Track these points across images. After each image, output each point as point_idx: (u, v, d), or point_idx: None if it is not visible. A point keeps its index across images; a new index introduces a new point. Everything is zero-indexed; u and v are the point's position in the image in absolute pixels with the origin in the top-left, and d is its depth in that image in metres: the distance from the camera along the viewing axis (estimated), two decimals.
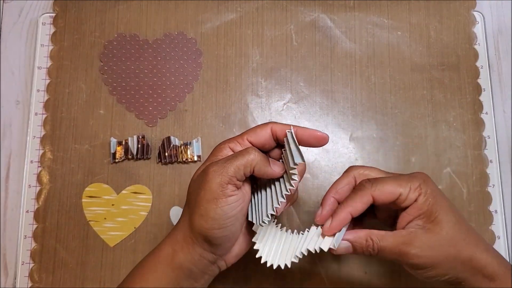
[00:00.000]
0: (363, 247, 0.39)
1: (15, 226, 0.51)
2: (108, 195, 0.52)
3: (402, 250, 0.37)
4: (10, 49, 0.56)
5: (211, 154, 0.40)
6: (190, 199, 0.38)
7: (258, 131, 0.39)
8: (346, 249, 0.39)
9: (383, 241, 0.38)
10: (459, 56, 0.56)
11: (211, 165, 0.37)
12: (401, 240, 0.38)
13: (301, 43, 0.56)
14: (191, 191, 0.39)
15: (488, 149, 0.54)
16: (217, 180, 0.36)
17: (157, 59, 0.55)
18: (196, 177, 0.39)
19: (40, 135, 0.53)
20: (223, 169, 0.36)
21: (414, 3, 0.57)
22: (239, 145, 0.39)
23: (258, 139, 0.39)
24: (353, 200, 0.39)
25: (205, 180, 0.36)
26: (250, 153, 0.37)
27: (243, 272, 0.50)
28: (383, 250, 0.38)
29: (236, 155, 0.37)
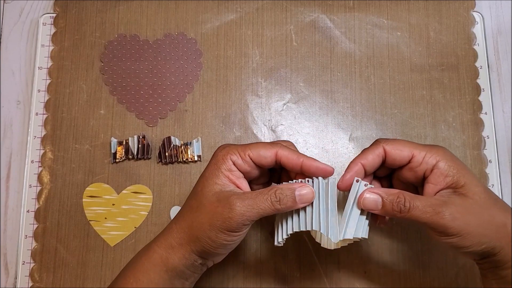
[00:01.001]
0: (393, 203, 0.37)
1: (16, 225, 0.52)
2: (109, 194, 0.52)
3: (437, 210, 0.35)
4: (11, 49, 0.56)
5: (214, 162, 0.39)
6: (200, 209, 0.38)
7: (262, 151, 0.39)
8: (375, 202, 0.38)
9: (416, 200, 0.36)
10: (459, 56, 0.56)
11: (239, 200, 0.36)
12: (435, 202, 0.36)
13: (301, 44, 0.56)
14: (200, 203, 0.38)
15: (487, 149, 0.54)
16: (241, 219, 0.36)
17: (158, 59, 0.56)
18: (212, 195, 0.38)
19: (41, 135, 0.53)
20: (250, 212, 0.36)
21: (414, 4, 0.58)
22: (241, 160, 0.39)
23: (259, 160, 0.39)
24: (364, 152, 0.40)
25: (227, 211, 0.36)
26: (279, 202, 0.37)
27: (243, 272, 0.50)
28: (415, 208, 0.36)
29: (265, 198, 0.37)
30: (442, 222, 0.35)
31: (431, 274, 0.50)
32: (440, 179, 0.37)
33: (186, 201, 0.41)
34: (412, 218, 0.36)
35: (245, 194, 0.37)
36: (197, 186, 0.40)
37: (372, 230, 0.51)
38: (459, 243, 0.36)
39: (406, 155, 0.38)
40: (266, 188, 0.38)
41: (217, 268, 0.50)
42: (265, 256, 0.51)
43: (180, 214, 0.40)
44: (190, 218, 0.38)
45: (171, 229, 0.39)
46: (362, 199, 0.38)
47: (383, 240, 0.51)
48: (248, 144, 0.40)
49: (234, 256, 0.50)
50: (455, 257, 0.51)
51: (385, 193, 0.37)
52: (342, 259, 0.51)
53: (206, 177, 0.39)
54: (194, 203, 0.39)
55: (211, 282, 0.50)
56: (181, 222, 0.39)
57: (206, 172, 0.39)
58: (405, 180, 0.41)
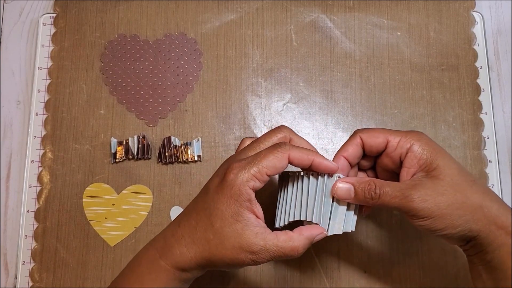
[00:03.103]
0: (364, 190, 0.37)
1: (16, 225, 0.52)
2: (109, 195, 0.52)
3: (405, 194, 0.36)
4: (11, 50, 0.56)
5: (230, 193, 0.37)
6: (220, 250, 0.37)
7: (276, 163, 0.37)
8: (347, 191, 0.38)
9: (385, 186, 0.37)
10: (459, 56, 0.56)
11: (262, 252, 0.36)
12: (404, 186, 0.37)
13: (301, 44, 0.57)
14: (220, 242, 0.37)
15: (487, 149, 0.54)
16: (263, 262, 0.37)
17: (158, 59, 0.56)
18: (235, 240, 0.36)
19: (41, 135, 0.53)
20: (272, 258, 0.37)
21: (414, 4, 0.58)
22: (259, 183, 0.37)
23: (277, 172, 0.37)
24: (344, 145, 0.41)
25: (248, 261, 0.36)
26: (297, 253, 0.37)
27: (243, 272, 0.50)
28: (385, 194, 0.37)
29: (286, 248, 0.37)
30: (411, 205, 0.36)
31: (431, 274, 0.50)
32: (413, 162, 0.38)
33: (199, 226, 0.38)
34: (384, 204, 0.37)
35: (266, 242, 0.36)
36: (213, 219, 0.37)
37: (372, 230, 0.51)
38: (432, 226, 0.36)
39: (381, 141, 0.39)
40: (288, 236, 0.37)
41: None
42: None
43: (192, 241, 0.37)
44: (209, 252, 0.37)
45: (183, 255, 0.37)
46: (335, 188, 0.38)
47: (383, 240, 0.51)
48: (259, 160, 0.37)
49: None
50: (455, 257, 0.51)
51: (357, 182, 0.38)
52: (342, 259, 0.51)
53: (224, 214, 0.36)
54: (212, 238, 0.37)
55: (211, 282, 0.50)
56: (197, 252, 0.37)
57: (222, 205, 0.37)
58: (386, 167, 0.41)
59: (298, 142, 0.41)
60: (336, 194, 0.38)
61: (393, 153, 0.39)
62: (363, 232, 0.51)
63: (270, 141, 0.40)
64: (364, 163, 0.43)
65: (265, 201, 0.51)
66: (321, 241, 0.51)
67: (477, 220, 0.36)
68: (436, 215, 0.35)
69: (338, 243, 0.51)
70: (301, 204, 0.40)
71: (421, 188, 0.36)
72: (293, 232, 0.37)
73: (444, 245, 0.51)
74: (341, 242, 0.51)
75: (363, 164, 0.43)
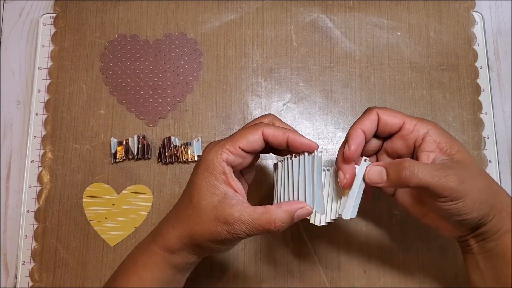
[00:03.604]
0: (398, 171, 0.36)
1: (16, 225, 0.52)
2: (109, 195, 0.52)
3: (444, 173, 0.35)
4: (11, 49, 0.56)
5: (205, 168, 0.38)
6: (199, 223, 0.37)
7: (250, 137, 0.38)
8: (379, 174, 0.38)
9: (420, 165, 0.36)
10: (459, 56, 0.56)
11: (237, 223, 0.36)
12: (440, 166, 0.36)
13: (301, 44, 0.57)
14: (198, 216, 0.37)
15: (487, 149, 0.54)
16: (239, 237, 0.37)
17: (158, 59, 0.56)
18: (211, 211, 0.37)
19: (41, 135, 0.53)
20: (248, 232, 0.36)
21: (414, 4, 0.58)
22: (232, 156, 0.38)
23: (251, 147, 0.38)
24: (360, 119, 0.40)
25: (225, 233, 0.36)
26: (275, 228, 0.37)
27: (243, 272, 0.50)
28: (422, 172, 0.35)
29: (264, 221, 0.36)
30: (449, 185, 0.35)
31: (431, 274, 0.50)
32: (433, 146, 0.38)
33: (182, 206, 0.39)
34: (421, 183, 0.35)
35: (242, 213, 0.36)
36: (192, 195, 0.38)
37: (372, 230, 0.51)
38: (461, 209, 0.35)
39: (398, 122, 0.39)
40: (266, 208, 0.37)
41: (218, 268, 0.50)
42: (265, 256, 0.51)
43: (177, 219, 0.39)
44: (189, 228, 0.38)
45: (169, 234, 0.39)
46: (366, 173, 0.38)
47: (383, 240, 0.51)
48: (233, 135, 0.39)
49: (234, 256, 0.50)
50: (456, 257, 0.51)
51: (387, 163, 0.38)
52: (342, 259, 0.51)
53: (201, 187, 0.37)
54: (191, 213, 0.38)
55: (211, 282, 0.50)
56: (180, 229, 0.38)
57: (198, 179, 0.38)
58: (396, 152, 0.41)
59: (280, 124, 0.41)
60: (368, 178, 0.38)
61: (408, 136, 0.39)
62: (363, 232, 0.51)
63: (252, 123, 0.41)
64: (370, 147, 0.42)
65: (266, 200, 0.51)
66: (321, 240, 0.51)
67: (495, 205, 0.36)
68: (469, 197, 0.35)
69: (338, 243, 0.51)
70: (288, 187, 0.40)
71: (457, 170, 0.36)
72: (271, 206, 0.37)
73: (444, 245, 0.51)
74: (341, 242, 0.51)
75: (368, 149, 0.42)
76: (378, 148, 0.43)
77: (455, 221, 0.37)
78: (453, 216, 0.36)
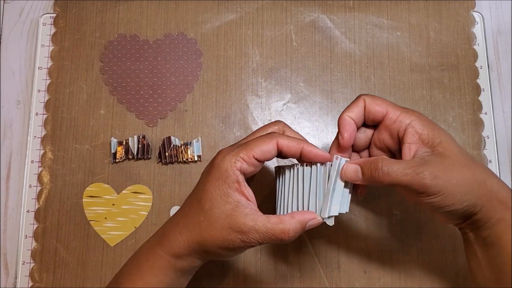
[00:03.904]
0: (371, 170, 0.37)
1: (16, 225, 0.52)
2: (109, 194, 0.52)
3: (417, 171, 0.35)
4: (11, 49, 0.56)
5: (218, 175, 0.37)
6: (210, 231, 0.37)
7: (264, 147, 0.37)
8: (355, 172, 0.38)
9: (394, 163, 0.36)
10: (459, 56, 0.56)
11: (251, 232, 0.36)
12: (414, 163, 0.36)
13: (301, 44, 0.57)
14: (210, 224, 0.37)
15: (487, 149, 0.54)
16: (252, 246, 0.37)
17: (158, 59, 0.56)
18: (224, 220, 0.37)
19: (41, 135, 0.53)
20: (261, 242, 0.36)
21: (414, 4, 0.58)
22: (246, 165, 0.37)
23: (264, 157, 0.38)
24: (349, 106, 0.40)
25: (238, 242, 0.36)
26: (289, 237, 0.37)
27: (243, 272, 0.50)
28: (394, 172, 0.35)
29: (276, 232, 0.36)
30: (423, 182, 0.35)
31: (431, 274, 0.50)
32: (415, 138, 0.37)
33: (191, 212, 0.39)
34: (393, 182, 0.36)
35: (256, 222, 0.36)
36: (203, 202, 0.38)
37: (372, 230, 0.51)
38: (441, 203, 0.36)
39: (381, 110, 0.39)
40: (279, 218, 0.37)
41: (218, 268, 0.50)
42: (265, 256, 0.51)
43: (185, 225, 0.38)
44: (200, 235, 0.37)
45: (176, 240, 0.38)
46: (343, 171, 0.38)
47: (383, 240, 0.51)
48: (247, 144, 0.38)
49: (234, 256, 0.50)
50: (455, 257, 0.51)
51: (363, 162, 0.38)
52: (342, 259, 0.51)
53: (213, 195, 0.37)
54: (202, 220, 0.37)
55: (211, 282, 0.50)
56: (189, 236, 0.38)
57: (211, 186, 0.37)
58: (383, 144, 0.41)
59: (291, 134, 0.41)
60: (345, 176, 0.38)
61: (391, 126, 0.39)
62: (363, 232, 0.51)
63: (263, 132, 0.40)
64: (360, 140, 0.42)
65: (266, 200, 0.51)
66: (321, 240, 0.51)
67: (481, 195, 0.36)
68: (446, 191, 0.35)
69: (338, 243, 0.51)
70: (298, 195, 0.40)
71: (431, 165, 0.36)
72: (284, 216, 0.37)
73: (444, 245, 0.51)
74: (341, 242, 0.51)
75: (358, 143, 0.42)
76: (367, 142, 0.43)
77: (441, 212, 0.37)
78: (437, 208, 0.36)
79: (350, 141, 0.40)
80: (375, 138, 0.42)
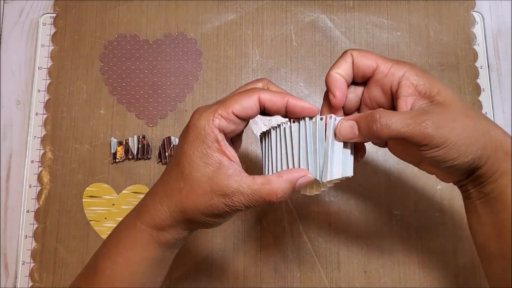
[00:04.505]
0: (369, 124, 0.33)
1: (16, 226, 0.52)
2: (109, 195, 0.52)
3: (418, 120, 0.32)
4: (11, 49, 0.56)
5: (196, 135, 0.34)
6: (191, 196, 0.34)
7: (244, 102, 0.34)
8: (351, 129, 0.35)
9: (392, 114, 0.33)
10: (459, 56, 0.56)
11: (236, 194, 0.33)
12: (415, 113, 0.33)
13: (301, 44, 0.56)
14: (191, 188, 0.34)
15: None
16: (238, 209, 0.34)
17: (158, 59, 0.56)
18: (205, 183, 0.34)
19: (41, 135, 0.53)
20: (247, 203, 0.34)
21: (414, 4, 0.58)
22: (225, 122, 0.34)
23: (245, 113, 0.34)
24: (336, 63, 0.37)
25: (222, 205, 0.33)
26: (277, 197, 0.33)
27: (243, 272, 0.50)
28: (394, 123, 0.32)
29: (263, 193, 0.33)
30: (425, 132, 0.32)
31: (431, 274, 0.50)
32: (410, 90, 0.35)
33: (170, 178, 0.35)
34: (393, 134, 0.33)
35: (240, 184, 0.33)
36: (182, 166, 0.34)
37: (372, 230, 0.51)
38: (445, 156, 0.33)
39: (371, 64, 0.36)
40: (265, 178, 0.34)
41: (218, 268, 0.50)
42: (265, 256, 0.51)
43: (165, 194, 0.35)
44: (181, 202, 0.34)
45: (157, 210, 0.35)
46: (338, 129, 0.35)
47: (383, 240, 0.51)
48: (226, 100, 0.34)
49: (234, 257, 0.50)
50: (455, 257, 0.51)
51: (358, 117, 0.35)
52: (342, 259, 0.51)
53: (192, 157, 0.34)
54: (183, 186, 0.34)
55: (211, 282, 0.50)
56: (170, 204, 0.35)
57: (189, 148, 0.34)
58: (374, 101, 0.38)
59: (276, 90, 0.37)
60: (340, 134, 0.35)
61: (383, 81, 0.36)
62: (363, 232, 0.51)
63: (245, 88, 0.37)
64: (350, 101, 0.39)
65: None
66: (321, 240, 0.51)
67: (486, 146, 0.33)
68: (451, 142, 0.32)
69: (338, 243, 0.51)
70: (286, 154, 0.36)
71: (433, 114, 0.33)
72: (271, 176, 0.34)
73: (444, 245, 0.51)
74: (341, 242, 0.51)
75: (348, 104, 0.39)
76: (358, 101, 0.39)
77: (445, 168, 0.34)
78: (440, 163, 0.33)
79: (343, 99, 0.36)
80: (366, 97, 0.38)
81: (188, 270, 0.50)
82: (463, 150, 0.33)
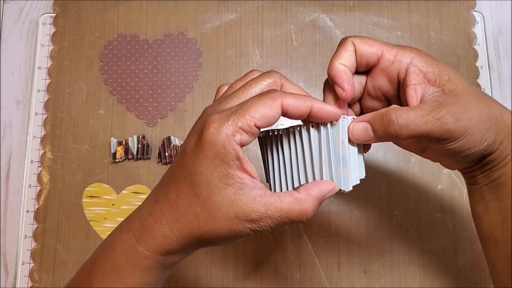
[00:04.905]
0: (384, 125, 0.31)
1: (16, 226, 0.51)
2: (109, 195, 0.52)
3: (437, 116, 0.30)
4: (11, 49, 0.56)
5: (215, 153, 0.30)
6: (212, 223, 0.30)
7: (266, 111, 0.30)
8: (365, 131, 0.32)
9: (408, 112, 0.31)
10: (459, 56, 0.56)
11: (263, 219, 0.30)
12: (431, 108, 0.31)
13: (301, 43, 0.56)
14: (211, 214, 0.30)
15: None
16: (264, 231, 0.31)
17: (157, 59, 0.55)
18: (228, 208, 0.30)
19: (41, 135, 0.53)
20: (273, 226, 0.31)
21: (414, 3, 0.57)
22: (246, 136, 0.30)
23: (267, 122, 0.30)
24: (337, 53, 0.35)
25: (247, 231, 0.31)
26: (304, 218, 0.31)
27: (243, 272, 0.50)
28: (413, 122, 0.30)
29: (294, 212, 0.31)
30: (446, 128, 0.30)
31: (431, 274, 0.50)
32: (419, 77, 0.33)
33: (181, 199, 0.31)
34: (413, 134, 0.31)
35: (268, 207, 0.30)
36: (197, 188, 0.30)
37: (372, 230, 0.51)
38: (462, 146, 0.32)
39: (375, 51, 0.34)
40: (293, 197, 0.31)
41: (217, 268, 0.50)
42: (265, 256, 0.51)
43: (174, 218, 0.31)
44: (198, 229, 0.31)
45: (166, 236, 0.31)
46: (351, 132, 0.33)
47: (383, 240, 0.51)
48: (244, 108, 0.30)
49: (234, 257, 0.50)
50: (455, 257, 0.51)
51: (372, 117, 0.32)
52: (342, 259, 0.51)
53: (210, 179, 0.30)
54: (199, 211, 0.30)
55: (211, 282, 0.50)
56: (183, 231, 0.31)
57: (205, 169, 0.30)
58: (379, 90, 0.36)
59: (291, 88, 0.33)
60: (353, 137, 0.32)
61: (389, 69, 0.34)
62: (363, 232, 0.51)
63: (258, 87, 0.32)
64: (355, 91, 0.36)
65: None
66: (321, 240, 0.51)
67: (500, 130, 0.32)
68: (469, 132, 0.31)
69: (338, 243, 0.51)
70: (305, 163, 0.33)
71: (450, 106, 0.31)
72: (298, 193, 0.31)
73: (444, 245, 0.51)
74: (341, 242, 0.51)
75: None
76: (361, 91, 0.37)
77: (459, 157, 0.33)
78: (457, 154, 0.32)
79: (352, 92, 0.33)
80: (369, 86, 0.36)
81: (188, 271, 0.50)
82: (479, 139, 0.32)
